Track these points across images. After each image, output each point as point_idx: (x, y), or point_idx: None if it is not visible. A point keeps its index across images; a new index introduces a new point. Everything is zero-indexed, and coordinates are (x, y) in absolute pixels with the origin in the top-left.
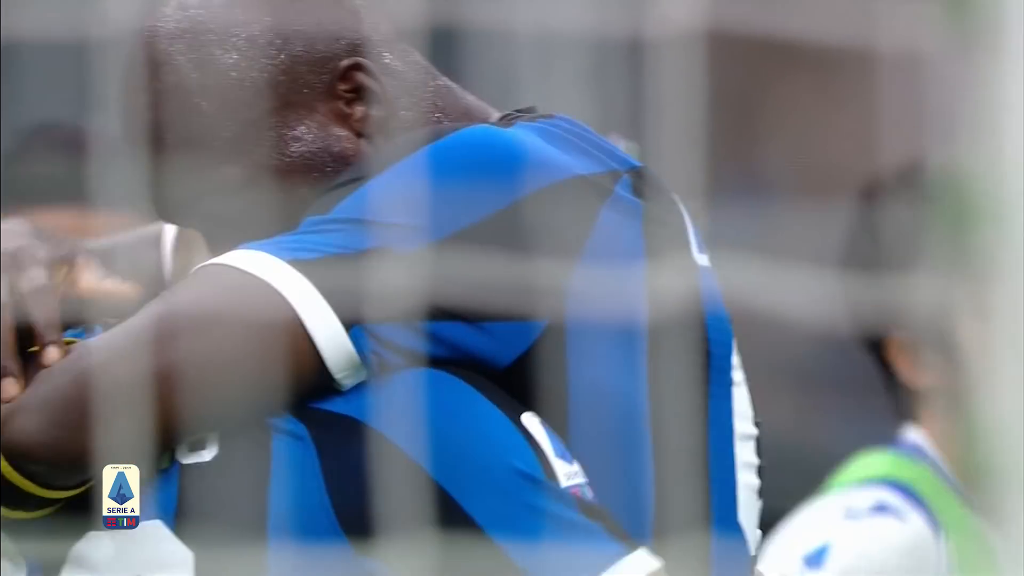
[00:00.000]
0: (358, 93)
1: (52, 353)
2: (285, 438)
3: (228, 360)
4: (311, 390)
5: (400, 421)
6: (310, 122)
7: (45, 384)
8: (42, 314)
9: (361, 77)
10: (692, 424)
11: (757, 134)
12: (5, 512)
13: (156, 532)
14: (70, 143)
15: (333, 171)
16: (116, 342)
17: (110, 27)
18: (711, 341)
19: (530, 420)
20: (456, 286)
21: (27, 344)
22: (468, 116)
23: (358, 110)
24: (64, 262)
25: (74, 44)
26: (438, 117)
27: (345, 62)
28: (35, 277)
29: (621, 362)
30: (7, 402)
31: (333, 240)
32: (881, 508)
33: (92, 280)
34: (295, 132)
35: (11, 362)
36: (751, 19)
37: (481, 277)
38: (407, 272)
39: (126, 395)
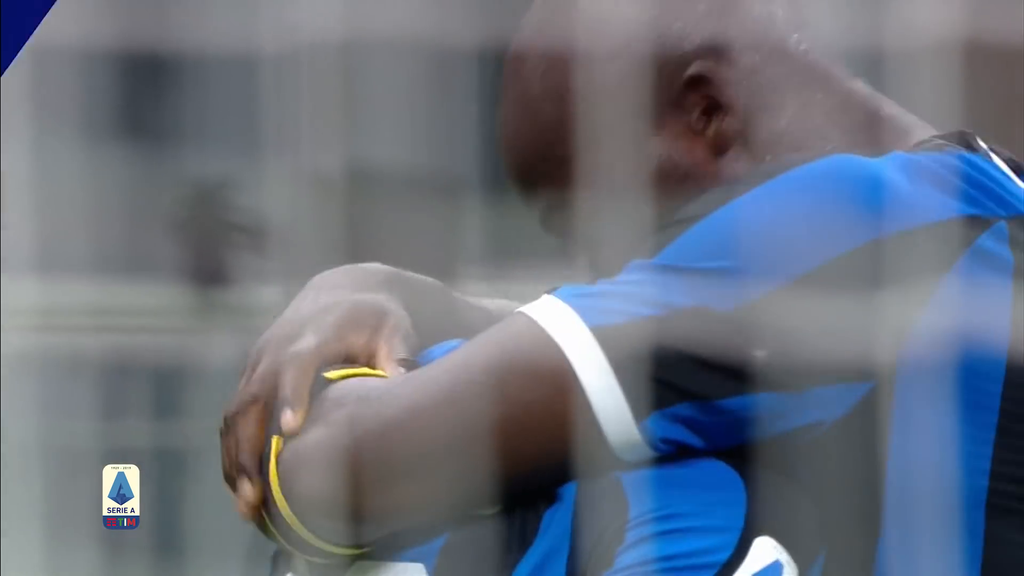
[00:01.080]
0: (711, 104)
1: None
2: (556, 506)
3: (507, 427)
4: (593, 466)
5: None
6: (660, 136)
7: (337, 431)
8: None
9: (709, 89)
10: None
11: None
12: (308, 557)
13: None
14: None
15: (687, 191)
16: (415, 395)
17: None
18: None
19: (762, 544)
20: (774, 346)
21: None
22: (879, 128)
23: (712, 125)
24: (367, 327)
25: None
26: (836, 129)
27: (690, 71)
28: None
29: (958, 438)
30: (289, 435)
31: (649, 295)
32: None
33: (382, 357)
34: (646, 146)
35: (301, 392)
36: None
37: (801, 334)
38: (724, 334)
39: (421, 452)
